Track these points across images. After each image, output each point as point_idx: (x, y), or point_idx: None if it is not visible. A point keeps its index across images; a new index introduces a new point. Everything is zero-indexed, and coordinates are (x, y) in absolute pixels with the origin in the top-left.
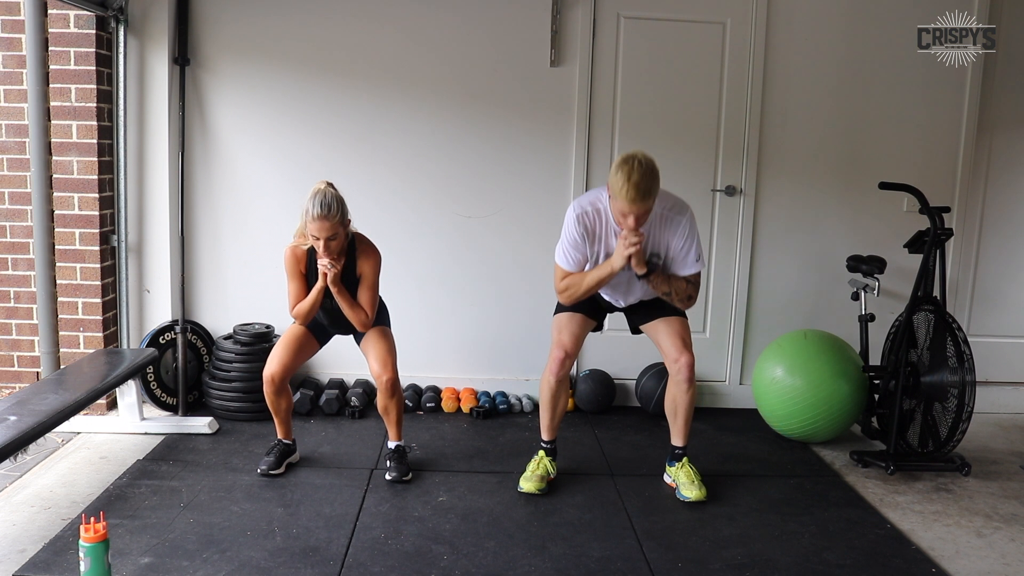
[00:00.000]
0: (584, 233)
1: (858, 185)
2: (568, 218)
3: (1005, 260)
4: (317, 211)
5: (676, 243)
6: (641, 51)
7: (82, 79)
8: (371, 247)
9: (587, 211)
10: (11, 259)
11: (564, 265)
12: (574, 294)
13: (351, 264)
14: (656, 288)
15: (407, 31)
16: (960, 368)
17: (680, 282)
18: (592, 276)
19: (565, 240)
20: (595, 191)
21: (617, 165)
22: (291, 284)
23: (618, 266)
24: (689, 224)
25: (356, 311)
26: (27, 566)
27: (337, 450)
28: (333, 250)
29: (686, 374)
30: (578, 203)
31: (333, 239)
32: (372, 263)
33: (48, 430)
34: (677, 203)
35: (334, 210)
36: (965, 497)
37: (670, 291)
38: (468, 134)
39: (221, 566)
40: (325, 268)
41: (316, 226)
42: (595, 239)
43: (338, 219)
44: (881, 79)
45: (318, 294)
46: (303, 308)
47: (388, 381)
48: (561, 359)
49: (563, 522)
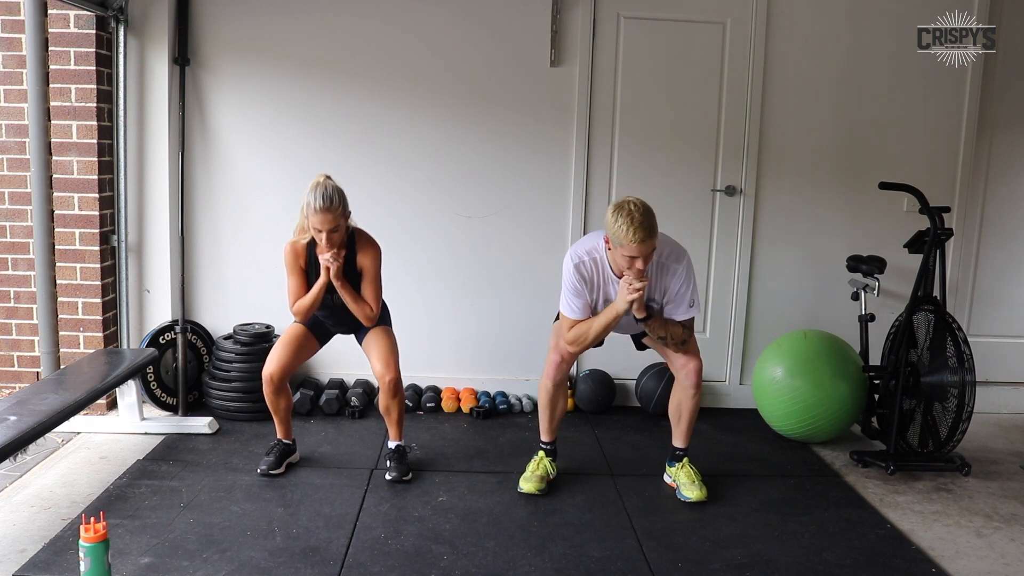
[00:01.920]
0: (582, 281)
1: (858, 185)
2: (566, 268)
3: (1005, 260)
4: (319, 203)
5: (672, 289)
6: (641, 51)
7: (82, 79)
8: (370, 240)
9: (584, 261)
10: (11, 259)
11: (569, 314)
12: (583, 341)
13: (351, 259)
14: (652, 332)
15: (407, 31)
16: (960, 368)
17: (676, 327)
18: (598, 323)
19: (566, 289)
20: (591, 238)
21: (614, 213)
22: (291, 280)
23: (621, 310)
24: (686, 270)
25: (360, 305)
26: (27, 566)
27: (337, 450)
28: (335, 242)
29: (694, 379)
30: (574, 252)
31: (335, 231)
32: (372, 256)
33: (48, 430)
34: (675, 250)
35: (335, 202)
36: (965, 497)
37: (666, 335)
38: (468, 134)
39: (221, 566)
40: (327, 262)
41: (318, 218)
42: (593, 288)
43: (339, 211)
44: (881, 79)
45: (320, 290)
46: (304, 304)
47: (391, 381)
48: (557, 363)
49: (563, 522)
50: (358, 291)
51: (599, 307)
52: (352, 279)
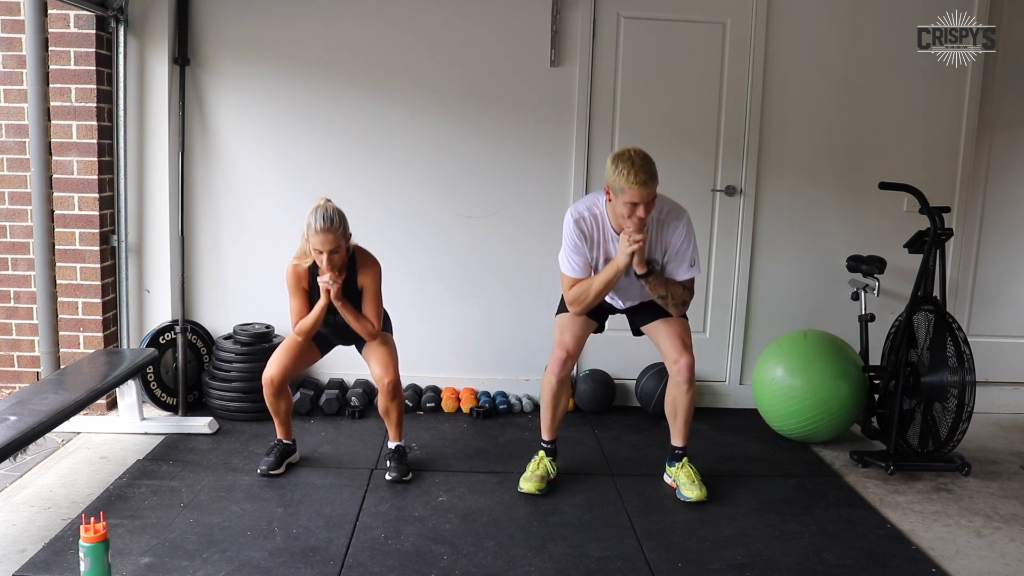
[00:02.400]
0: (582, 236)
1: (858, 185)
2: (567, 224)
3: (1005, 260)
4: (320, 224)
5: (673, 246)
6: (641, 51)
7: (82, 79)
8: (371, 259)
9: (584, 216)
10: (11, 259)
11: (569, 272)
12: (584, 300)
13: (352, 277)
14: (653, 290)
15: (407, 31)
16: (960, 368)
17: (676, 287)
18: (599, 280)
19: (566, 246)
20: (591, 196)
21: (614, 161)
22: (293, 301)
23: (622, 264)
24: (686, 228)
25: (362, 323)
26: (27, 566)
27: (337, 450)
28: (336, 263)
29: (686, 375)
30: (575, 208)
31: (336, 252)
32: (373, 275)
33: (48, 430)
34: (675, 208)
35: (336, 223)
36: (965, 497)
37: (666, 294)
38: (468, 134)
39: (221, 566)
40: (327, 284)
41: (319, 239)
42: (593, 244)
43: (340, 232)
44: (881, 79)
45: (321, 311)
46: (305, 325)
47: (390, 384)
48: (563, 359)
49: (563, 522)
50: (359, 309)
51: (599, 266)
52: (353, 297)
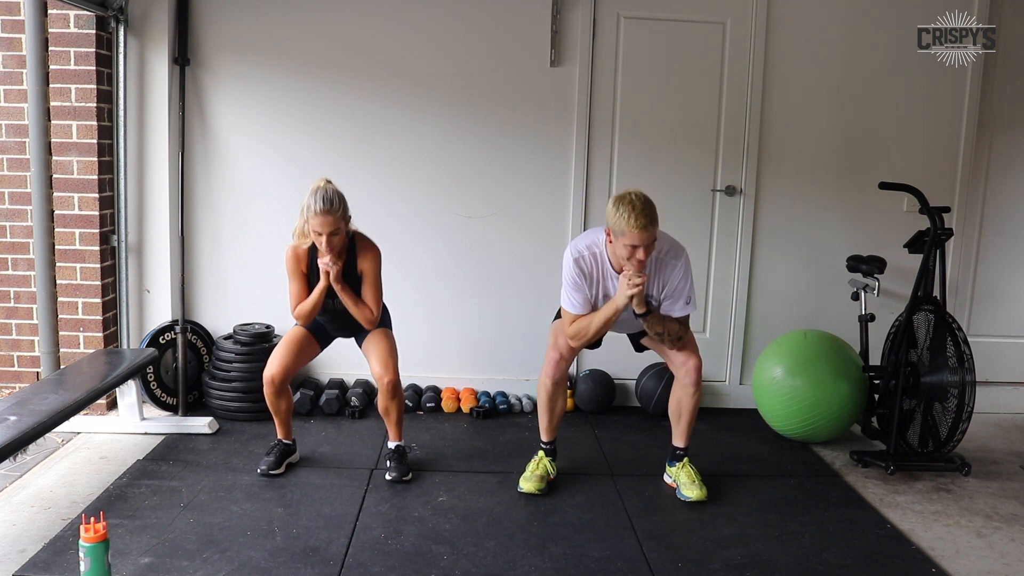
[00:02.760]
0: (581, 275)
1: (858, 185)
2: (566, 262)
3: (1005, 260)
4: (319, 206)
5: (671, 285)
6: (641, 51)
7: (82, 79)
8: (370, 244)
9: (584, 255)
10: (11, 259)
11: (570, 308)
12: (584, 336)
13: (351, 262)
14: (650, 328)
15: (407, 31)
16: (960, 368)
17: (672, 323)
18: (598, 318)
19: (566, 284)
20: (591, 234)
21: (615, 204)
22: (292, 284)
23: (621, 305)
24: (684, 267)
25: (361, 308)
26: (27, 566)
27: (337, 450)
28: (335, 246)
29: (693, 377)
30: (574, 247)
31: (335, 234)
32: (372, 259)
33: (48, 430)
34: (674, 246)
35: (336, 205)
36: (965, 497)
37: (663, 331)
38: (468, 134)
39: (221, 566)
40: (326, 266)
41: (318, 221)
42: (592, 282)
43: (340, 214)
44: (881, 79)
45: (320, 294)
46: (305, 308)
47: (389, 383)
48: (556, 360)
49: (563, 522)
50: (358, 294)
51: (599, 303)
52: (352, 282)
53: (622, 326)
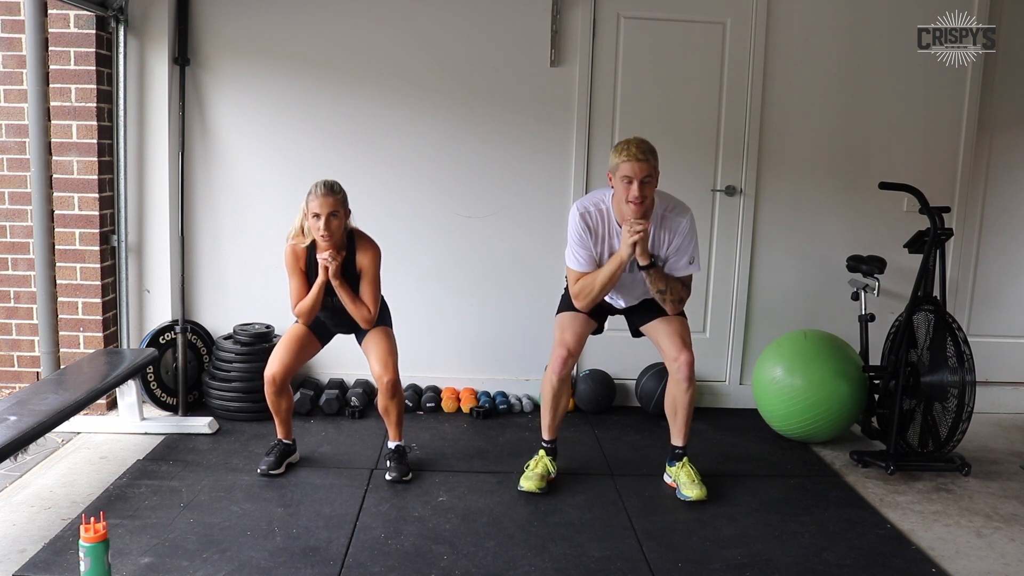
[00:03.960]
0: (587, 230)
1: (858, 185)
2: (572, 217)
3: (1005, 260)
4: (321, 188)
5: (675, 243)
6: (641, 51)
7: (82, 79)
8: (369, 241)
9: (589, 210)
10: (11, 259)
11: (575, 266)
12: (590, 294)
13: (350, 259)
14: (653, 284)
15: (407, 31)
16: (960, 368)
17: (675, 283)
18: (603, 272)
19: (571, 240)
20: (597, 192)
21: (615, 145)
22: (292, 281)
23: (625, 256)
24: (689, 224)
25: (358, 306)
26: (27, 566)
27: (337, 450)
28: (334, 231)
29: (685, 372)
30: (580, 203)
31: (335, 216)
32: (371, 256)
33: (48, 430)
34: (678, 205)
35: (337, 189)
36: (965, 497)
37: (665, 289)
38: (468, 134)
39: (221, 566)
40: (325, 261)
41: (319, 202)
42: (598, 238)
43: (341, 198)
44: (881, 79)
45: (319, 290)
46: (305, 305)
47: (389, 382)
48: (564, 357)
49: (563, 522)
50: (357, 292)
51: (604, 261)
52: (351, 279)
53: (626, 290)
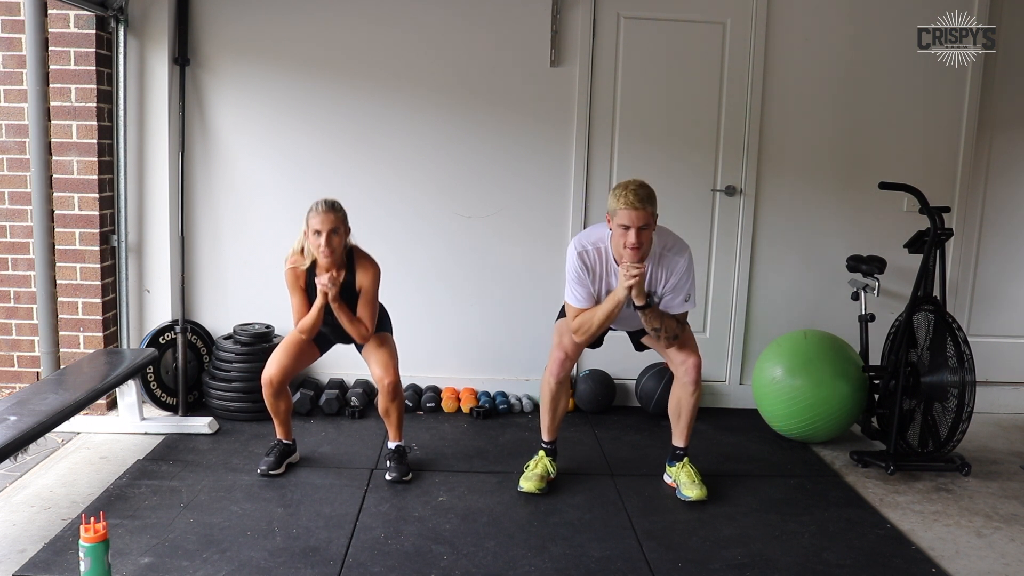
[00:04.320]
0: (584, 269)
1: (858, 185)
2: (570, 256)
3: (1005, 260)
4: (322, 206)
5: (672, 282)
6: (641, 51)
7: (82, 79)
8: (370, 260)
9: (587, 250)
10: (11, 259)
11: (573, 303)
12: (588, 331)
13: (350, 278)
14: (648, 323)
15: (407, 31)
16: (960, 368)
17: (671, 320)
18: (601, 311)
19: (570, 278)
20: (595, 229)
21: (614, 188)
22: (294, 299)
23: (622, 297)
24: (687, 264)
25: (356, 325)
26: (27, 566)
27: (337, 450)
28: (334, 247)
29: (693, 375)
30: (578, 241)
31: (335, 233)
32: (371, 276)
33: (48, 430)
34: (677, 243)
35: (338, 207)
36: (965, 497)
37: (660, 327)
38: (468, 134)
39: (221, 566)
40: (324, 287)
41: (320, 218)
42: (595, 277)
43: (342, 216)
44: (881, 79)
45: (319, 311)
46: (306, 324)
47: (390, 384)
48: (561, 360)
49: (563, 522)
50: (355, 310)
51: (602, 298)
52: (351, 299)
53: (625, 322)
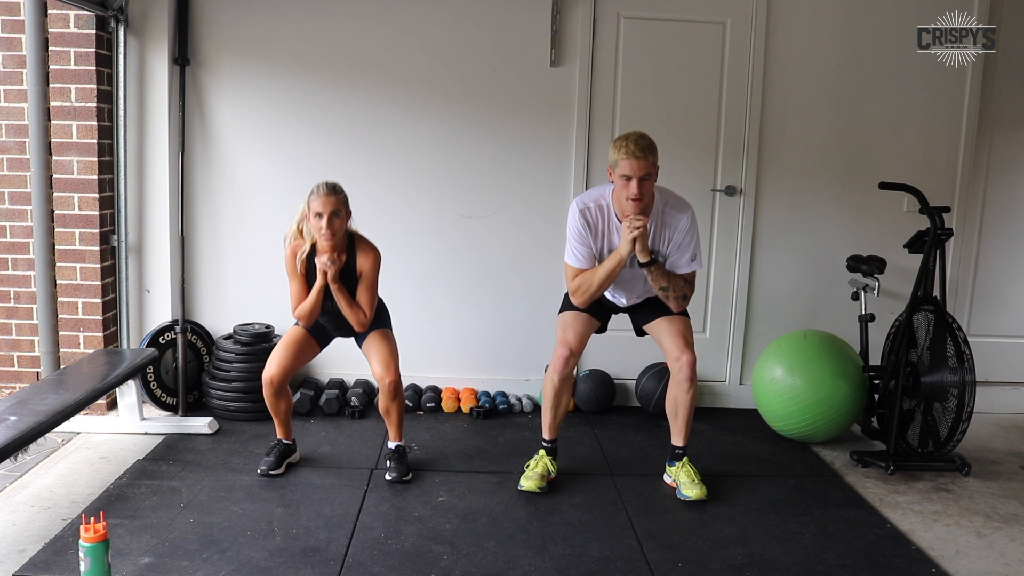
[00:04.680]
0: (586, 226)
1: (858, 185)
2: (571, 213)
3: (1005, 260)
4: (324, 188)
5: (676, 240)
6: (641, 51)
7: (82, 79)
8: (370, 245)
9: (589, 207)
10: (11, 259)
11: (573, 262)
12: (587, 291)
13: (351, 262)
14: (655, 281)
15: (407, 31)
16: (960, 368)
17: (678, 279)
18: (602, 269)
19: (571, 236)
20: (598, 188)
21: (615, 140)
22: (292, 284)
23: (625, 252)
24: (689, 222)
25: (354, 310)
26: (27, 566)
27: (337, 450)
28: (335, 230)
29: (687, 373)
30: (580, 199)
31: (336, 215)
32: (371, 260)
33: (48, 430)
34: (679, 202)
35: (339, 190)
36: (965, 497)
37: (668, 286)
38: (468, 134)
39: (221, 566)
40: (324, 266)
41: (321, 201)
42: (597, 234)
43: (343, 198)
44: (881, 79)
45: (318, 293)
46: (304, 308)
47: (391, 383)
48: (565, 357)
49: (563, 522)
50: (354, 295)
51: (603, 257)
52: (350, 283)
53: (627, 286)
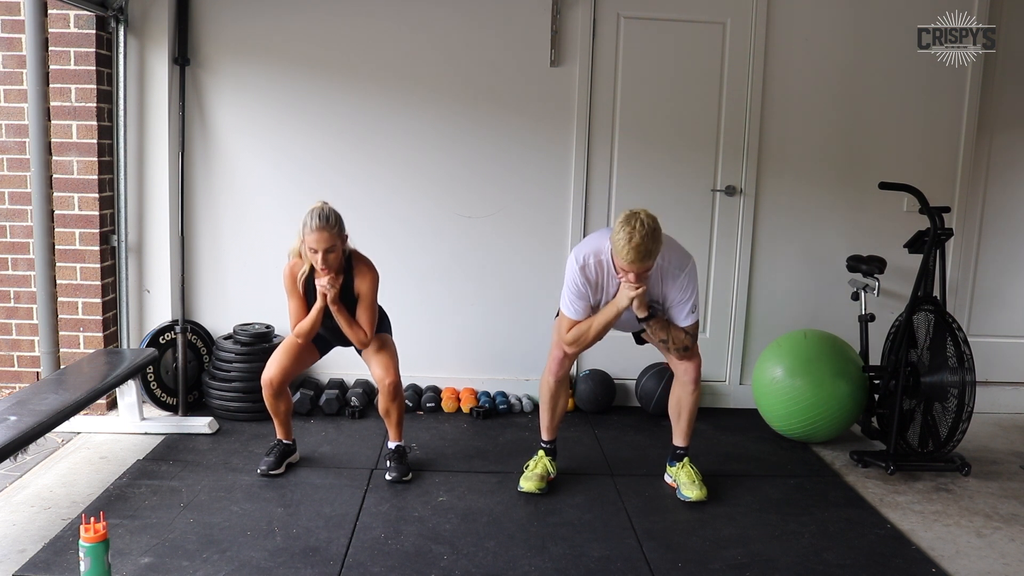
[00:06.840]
0: (586, 283)
1: (858, 185)
2: (570, 268)
3: (1005, 260)
4: (315, 223)
5: (673, 296)
6: (641, 51)
7: (82, 79)
8: (368, 265)
9: (589, 264)
10: (11, 259)
11: (571, 315)
12: (583, 341)
13: (349, 282)
14: (654, 335)
15: (407, 31)
16: (960, 368)
17: (678, 331)
18: (599, 320)
19: (569, 290)
20: (595, 240)
21: (620, 223)
22: (291, 302)
23: (623, 306)
24: (688, 277)
25: (355, 330)
26: (27, 566)
27: (337, 450)
28: (331, 264)
29: (692, 375)
30: (579, 252)
31: (331, 251)
32: (370, 281)
33: (48, 430)
34: (680, 258)
35: (332, 221)
36: (965, 497)
37: (667, 339)
38: (468, 134)
39: (221, 566)
40: (324, 289)
41: (314, 237)
42: (597, 288)
43: (336, 231)
44: (881, 79)
45: (318, 314)
46: (303, 328)
47: (391, 385)
48: (560, 359)
49: (563, 522)
50: (354, 314)
51: (602, 304)
52: (349, 303)
53: (623, 325)
